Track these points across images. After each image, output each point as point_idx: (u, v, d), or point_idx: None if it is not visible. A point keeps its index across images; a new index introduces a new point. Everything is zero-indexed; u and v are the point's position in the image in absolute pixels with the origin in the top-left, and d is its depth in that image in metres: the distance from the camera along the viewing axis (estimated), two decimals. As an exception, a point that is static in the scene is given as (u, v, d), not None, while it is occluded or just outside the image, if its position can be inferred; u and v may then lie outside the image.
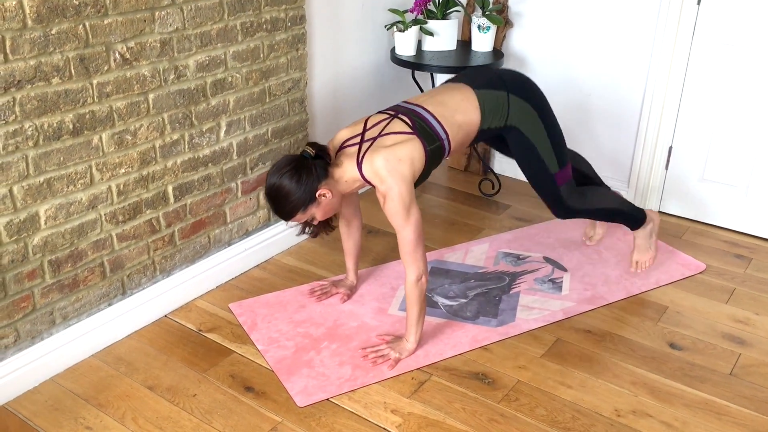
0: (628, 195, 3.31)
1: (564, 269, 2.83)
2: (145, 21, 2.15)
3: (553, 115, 2.45)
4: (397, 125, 2.24)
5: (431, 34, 3.19)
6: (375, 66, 3.30)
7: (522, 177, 3.56)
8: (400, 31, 3.13)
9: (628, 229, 2.80)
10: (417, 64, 3.13)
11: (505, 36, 3.40)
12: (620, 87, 3.21)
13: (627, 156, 3.30)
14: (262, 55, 2.57)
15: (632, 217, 2.72)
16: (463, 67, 3.11)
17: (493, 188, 3.47)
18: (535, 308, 2.59)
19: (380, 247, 2.94)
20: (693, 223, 3.22)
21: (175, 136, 2.36)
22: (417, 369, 2.28)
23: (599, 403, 2.15)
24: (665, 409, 2.13)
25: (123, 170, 2.23)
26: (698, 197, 3.20)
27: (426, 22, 3.18)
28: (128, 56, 2.13)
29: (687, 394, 2.19)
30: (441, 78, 3.60)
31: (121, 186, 2.24)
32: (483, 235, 3.09)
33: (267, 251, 2.85)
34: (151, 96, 2.24)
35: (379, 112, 2.34)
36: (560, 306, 2.60)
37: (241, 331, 2.44)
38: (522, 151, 2.45)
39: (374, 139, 2.23)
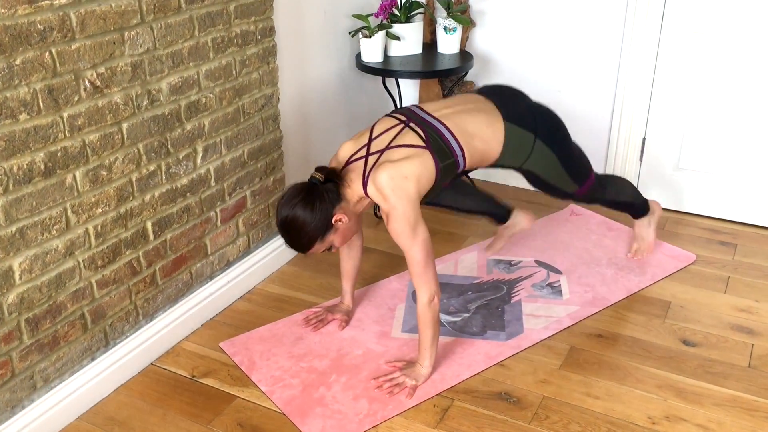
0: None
1: (558, 272, 2.76)
2: (114, 43, 1.93)
3: (571, 143, 2.39)
4: (408, 137, 2.11)
5: (398, 38, 3.06)
6: (340, 75, 3.14)
7: (496, 180, 3.49)
8: (366, 37, 2.98)
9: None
10: (386, 70, 3.00)
11: (468, 36, 3.31)
12: (590, 81, 3.17)
13: (601, 150, 3.26)
14: (234, 72, 2.38)
15: (639, 207, 2.73)
16: (433, 72, 3.00)
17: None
18: (540, 316, 2.50)
19: (369, 265, 2.79)
20: (671, 213, 3.21)
21: (152, 167, 2.15)
22: (437, 395, 2.15)
23: (631, 411, 2.07)
24: (697, 411, 2.07)
25: (100, 210, 2.00)
26: (674, 187, 3.20)
27: (391, 26, 3.05)
28: (99, 83, 1.91)
29: (714, 393, 2.14)
30: (407, 83, 3.48)
31: (99, 227, 2.01)
32: (469, 243, 2.99)
33: (249, 281, 2.66)
34: (125, 125, 2.02)
35: (388, 115, 2.20)
36: (565, 311, 2.52)
37: (239, 372, 2.25)
38: (534, 183, 2.44)
39: (381, 152, 2.09)
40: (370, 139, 2.13)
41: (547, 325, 2.45)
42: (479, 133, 2.19)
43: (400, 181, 2.02)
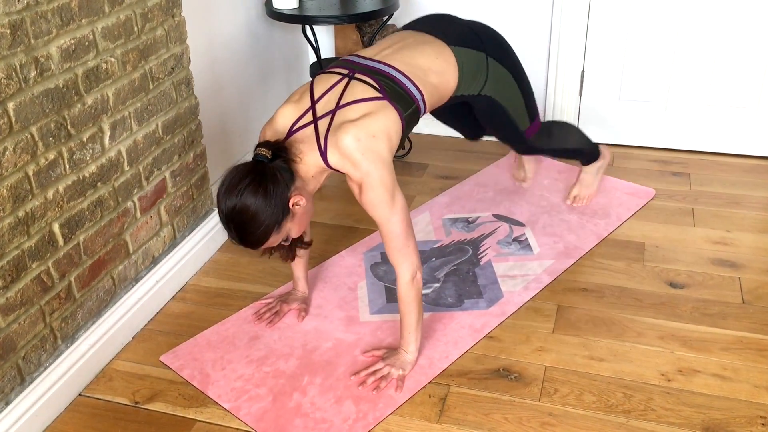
0: (545, 130, 3.07)
1: (521, 224, 2.53)
2: (-17, -3, 1.47)
3: (522, 68, 2.12)
4: (359, 90, 1.76)
5: (313, -21, 2.67)
6: (248, 26, 2.73)
7: (429, 131, 3.21)
8: (277, -21, 2.58)
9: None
10: (303, 17, 2.62)
11: (385, -27, 2.96)
12: (524, 14, 2.92)
13: (540, 87, 3.03)
14: (136, 29, 1.94)
15: (590, 154, 2.50)
16: (355, 16, 2.64)
17: (403, 148, 3.06)
18: (516, 276, 2.27)
19: (315, 241, 2.43)
20: (616, 147, 3.06)
21: (51, 155, 1.70)
22: (429, 383, 1.88)
23: (642, 371, 1.89)
24: (707, 360, 1.91)
25: (-8, 217, 1.56)
26: (617, 120, 3.04)
27: (303, -34, 2.66)
28: (-30, 52, 1.45)
29: (718, 336, 1.99)
30: (322, 32, 3.11)
31: (-6, 239, 1.57)
32: (417, 203, 2.70)
33: (180, 277, 2.26)
34: (10, 105, 1.57)
35: (325, 72, 1.84)
36: (540, 267, 2.30)
37: (191, 389, 1.88)
38: (491, 117, 2.13)
39: (332, 112, 1.73)
40: (313, 102, 1.77)
41: (526, 284, 2.23)
42: (431, 65, 1.88)
43: (369, 142, 1.69)
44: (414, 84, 1.81)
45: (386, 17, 2.81)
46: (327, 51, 3.18)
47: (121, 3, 1.88)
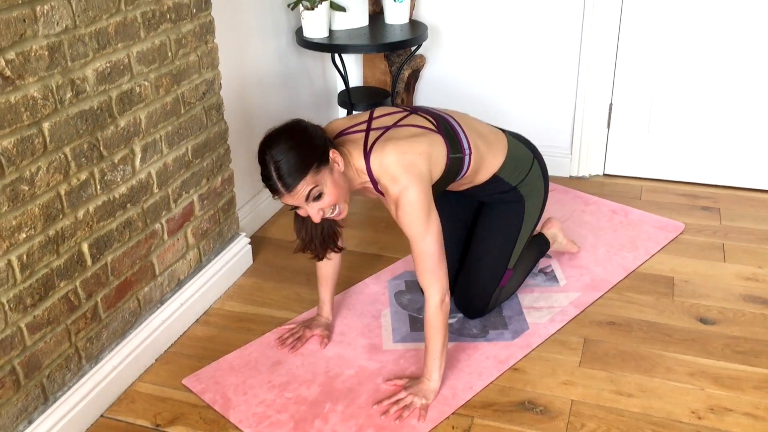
0: (572, 161, 3.06)
1: (548, 256, 2.50)
2: (25, 20, 1.50)
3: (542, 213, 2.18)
4: (417, 120, 1.84)
5: (343, 9, 2.71)
6: (279, 53, 2.76)
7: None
8: (309, 9, 2.62)
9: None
10: (334, 45, 2.64)
11: (414, 4, 3.00)
12: (552, 47, 2.93)
13: (567, 121, 3.03)
14: (170, 54, 1.97)
15: (546, 251, 2.40)
16: (384, 45, 2.66)
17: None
18: (542, 308, 2.24)
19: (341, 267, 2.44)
20: (644, 181, 3.03)
21: (83, 176, 1.72)
22: (452, 414, 1.85)
23: (671, 408, 1.84)
24: (739, 398, 1.87)
25: (24, 234, 1.57)
26: (645, 153, 3.01)
27: (334, -4, 2.69)
28: (9, 73, 1.48)
29: (750, 374, 1.94)
30: (352, 60, 3.14)
31: (24, 257, 1.58)
32: (442, 233, 2.69)
33: (205, 300, 2.26)
34: (45, 125, 1.59)
35: (386, 107, 1.92)
36: (567, 299, 2.27)
37: (212, 413, 1.87)
38: (504, 227, 2.09)
39: (387, 128, 1.79)
40: (371, 119, 1.84)
41: (552, 317, 2.19)
42: (485, 134, 1.97)
43: (413, 157, 1.72)
44: (467, 138, 1.87)
45: (414, 47, 2.83)
46: (355, 80, 3.20)
47: (157, 29, 1.91)
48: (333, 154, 1.70)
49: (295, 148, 1.64)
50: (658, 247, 2.54)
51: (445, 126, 1.85)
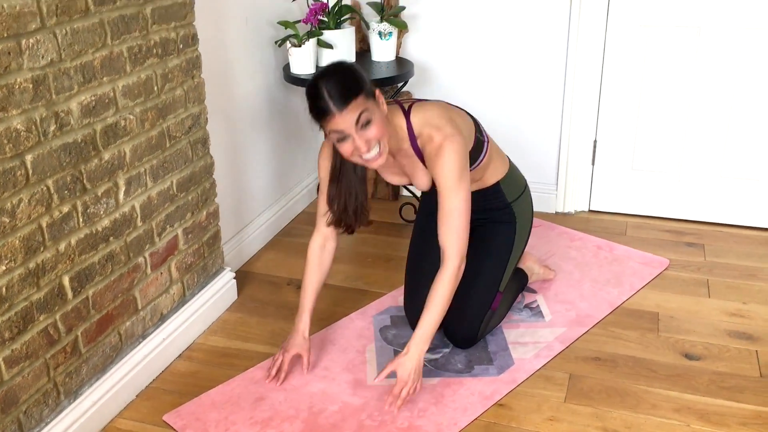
0: (558, 197, 3.08)
1: (533, 291, 2.50)
2: (10, 54, 1.51)
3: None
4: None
5: (330, 46, 2.74)
6: (267, 89, 2.79)
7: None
8: (296, 46, 2.65)
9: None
10: (320, 82, 2.66)
11: (401, 42, 3.04)
12: (536, 85, 2.96)
13: (552, 157, 3.06)
14: (155, 88, 1.99)
15: (525, 284, 2.44)
16: (374, 82, 2.69)
17: (416, 211, 3.07)
18: (527, 343, 2.23)
19: (323, 303, 2.42)
20: (629, 217, 3.05)
21: (66, 208, 1.72)
22: (437, 450, 1.82)
23: (657, 444, 1.83)
24: (725, 434, 1.86)
25: (3, 267, 1.56)
26: (630, 189, 3.04)
27: (322, 34, 2.72)
28: (-7, 105, 1.48)
29: (735, 410, 1.93)
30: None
31: (3, 289, 1.57)
32: (428, 268, 2.69)
33: (187, 335, 2.24)
34: (28, 157, 1.59)
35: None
36: (552, 335, 2.27)
37: (193, 450, 1.84)
38: (496, 246, 2.15)
39: (416, 100, 1.94)
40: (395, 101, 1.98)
41: (537, 352, 2.18)
42: (496, 143, 2.16)
43: (452, 115, 1.88)
44: (484, 131, 2.04)
45: (401, 84, 2.86)
46: (342, 116, 3.22)
47: (143, 63, 1.92)
48: (378, 93, 1.77)
49: (347, 75, 1.72)
50: (643, 283, 2.55)
51: (469, 115, 2.01)
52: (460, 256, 1.82)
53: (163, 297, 2.14)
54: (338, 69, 1.76)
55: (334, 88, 1.68)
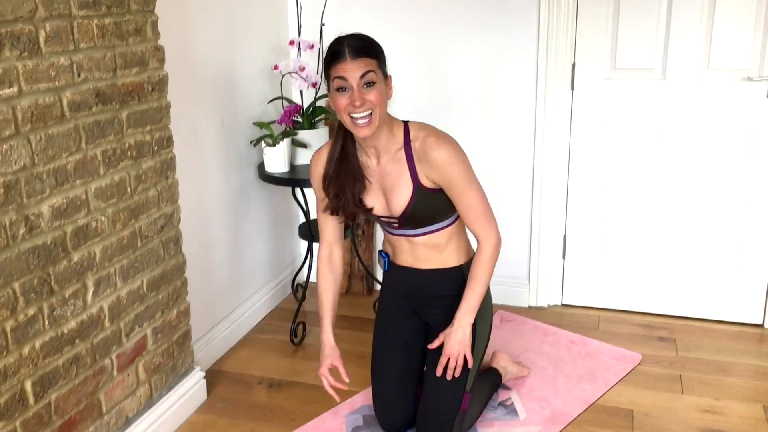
0: (530, 291, 3.10)
1: (507, 387, 2.48)
2: (-18, 159, 1.53)
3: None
4: None
5: (304, 145, 2.80)
6: (242, 188, 2.83)
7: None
8: (270, 145, 2.71)
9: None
10: (294, 180, 2.72)
11: (374, 141, 3.11)
12: (506, 182, 3.03)
13: (524, 252, 3.10)
14: (129, 189, 2.01)
15: (499, 385, 2.44)
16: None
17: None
18: (502, 443, 2.20)
19: (294, 402, 2.39)
20: (601, 311, 3.07)
21: (31, 311, 1.70)
22: None
23: None
24: None
25: (-37, 374, 1.53)
26: (600, 284, 3.07)
27: (296, 134, 2.79)
28: (-38, 210, 1.49)
29: None
30: (312, 193, 3.20)
31: (-38, 397, 1.53)
32: (402, 365, 2.66)
33: (154, 439, 2.18)
34: (-5, 261, 1.59)
35: None
36: (527, 434, 2.24)
37: None
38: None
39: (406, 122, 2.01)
40: None
41: (511, 452, 2.15)
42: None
43: (447, 134, 1.93)
44: None
45: (374, 181, 2.91)
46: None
47: (117, 165, 1.96)
48: (390, 78, 1.86)
49: (371, 40, 1.83)
50: (617, 379, 2.54)
51: None
52: (495, 236, 1.94)
53: (128, 399, 2.10)
54: (365, 35, 1.85)
55: (354, 42, 1.80)
